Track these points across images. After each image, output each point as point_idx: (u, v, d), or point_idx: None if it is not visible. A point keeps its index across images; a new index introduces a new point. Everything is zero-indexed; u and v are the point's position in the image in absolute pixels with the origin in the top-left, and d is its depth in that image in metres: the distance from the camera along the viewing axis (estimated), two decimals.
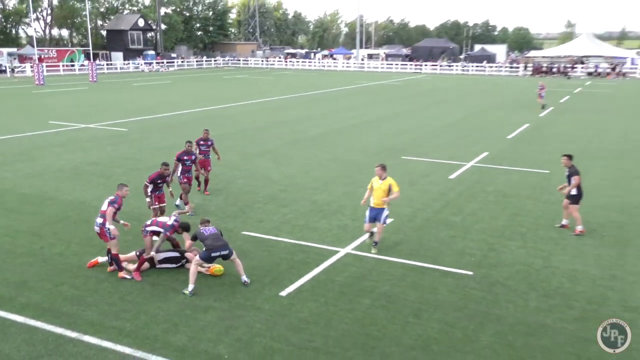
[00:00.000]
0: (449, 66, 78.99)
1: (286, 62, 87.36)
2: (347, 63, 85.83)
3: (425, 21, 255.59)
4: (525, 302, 9.00)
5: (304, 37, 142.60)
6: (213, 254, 9.27)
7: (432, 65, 78.96)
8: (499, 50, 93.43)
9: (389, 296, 9.13)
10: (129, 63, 73.18)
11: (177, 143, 21.64)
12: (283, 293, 9.18)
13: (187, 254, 10.10)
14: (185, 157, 13.27)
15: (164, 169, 11.88)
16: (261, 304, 8.78)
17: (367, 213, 10.98)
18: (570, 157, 12.27)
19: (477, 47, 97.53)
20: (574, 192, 12.04)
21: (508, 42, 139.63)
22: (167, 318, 8.33)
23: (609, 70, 67.60)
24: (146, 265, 10.01)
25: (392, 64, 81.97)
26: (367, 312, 8.59)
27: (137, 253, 10.10)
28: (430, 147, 21.86)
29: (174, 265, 10.08)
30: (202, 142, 15.02)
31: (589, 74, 68.23)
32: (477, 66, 76.74)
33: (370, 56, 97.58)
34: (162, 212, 11.85)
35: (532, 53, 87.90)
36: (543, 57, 78.30)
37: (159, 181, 11.85)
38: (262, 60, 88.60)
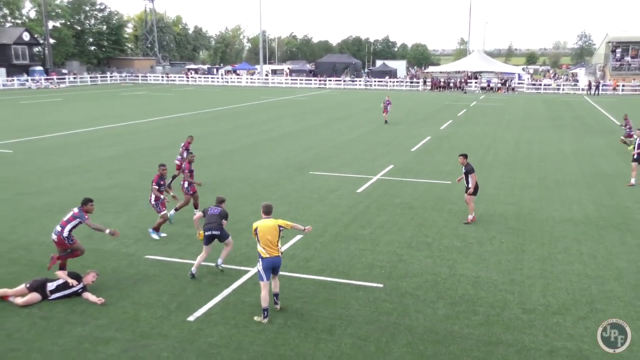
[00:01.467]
0: (352, 81, 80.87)
1: (188, 78, 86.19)
2: (251, 78, 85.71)
3: (328, 37, 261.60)
4: (433, 311, 9.28)
5: (205, 53, 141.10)
6: (206, 233, 10.13)
7: (336, 80, 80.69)
8: (400, 66, 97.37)
9: (301, 314, 9.10)
10: (13, 79, 68.72)
11: (69, 165, 20.70)
12: (191, 318, 8.96)
13: (85, 278, 9.72)
14: (192, 169, 14.21)
15: (162, 169, 12.46)
16: (168, 331, 8.51)
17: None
18: (465, 156, 13.82)
19: (379, 63, 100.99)
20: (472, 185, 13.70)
21: (408, 58, 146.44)
22: (63, 354, 7.86)
23: (499, 85, 72.20)
24: (37, 297, 9.46)
25: (296, 80, 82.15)
26: (280, 332, 8.51)
27: (27, 285, 9.55)
28: (337, 161, 22.16)
29: (69, 292, 9.57)
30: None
31: (483, 88, 72.37)
32: (379, 81, 79.47)
33: (274, 71, 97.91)
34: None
35: (431, 68, 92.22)
36: (440, 72, 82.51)
37: (161, 182, 12.40)
38: (162, 76, 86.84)
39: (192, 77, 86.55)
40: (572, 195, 17.27)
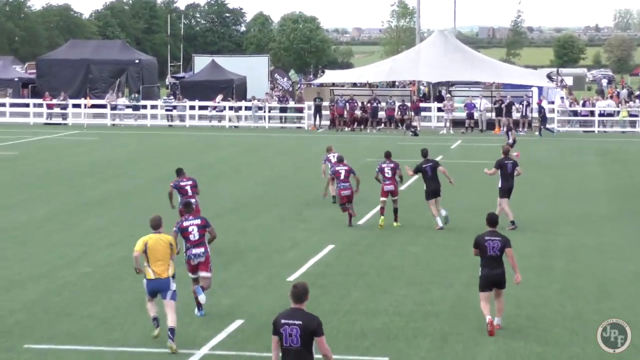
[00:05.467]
0: (136, 108, 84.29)
1: None
2: None
3: None
4: None
5: None
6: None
7: (95, 106, 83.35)
8: (253, 69, 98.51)
9: None
10: None
11: None
12: None
13: None
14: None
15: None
16: None
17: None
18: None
19: (202, 62, 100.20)
20: None
21: (273, 50, 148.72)
22: None
23: (492, 116, 75.84)
24: None
25: None
26: None
27: None
28: (99, 317, 22.64)
29: None
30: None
31: (458, 123, 75.85)
32: (202, 107, 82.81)
33: None
34: None
35: (329, 76, 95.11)
36: (355, 85, 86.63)
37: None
38: None
39: None
40: None
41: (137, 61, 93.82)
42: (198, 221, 19.83)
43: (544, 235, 33.26)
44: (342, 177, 31.57)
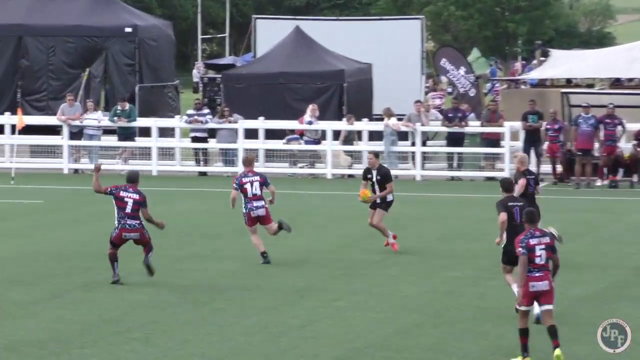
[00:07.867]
0: (130, 135, 74.27)
1: None
2: None
3: None
4: None
5: None
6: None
7: (38, 131, 74.30)
8: (386, 44, 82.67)
9: None
10: None
11: None
12: None
13: None
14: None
15: None
16: None
17: None
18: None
19: (274, 32, 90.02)
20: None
21: (431, 6, 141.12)
22: None
23: None
24: None
25: None
26: None
27: None
28: None
29: None
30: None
31: None
32: (272, 134, 75.06)
33: None
34: None
35: (555, 65, 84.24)
36: (618, 85, 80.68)
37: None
38: None
39: None
40: None
41: (128, 30, 76.45)
42: None
43: None
44: (128, 209, 30.15)
